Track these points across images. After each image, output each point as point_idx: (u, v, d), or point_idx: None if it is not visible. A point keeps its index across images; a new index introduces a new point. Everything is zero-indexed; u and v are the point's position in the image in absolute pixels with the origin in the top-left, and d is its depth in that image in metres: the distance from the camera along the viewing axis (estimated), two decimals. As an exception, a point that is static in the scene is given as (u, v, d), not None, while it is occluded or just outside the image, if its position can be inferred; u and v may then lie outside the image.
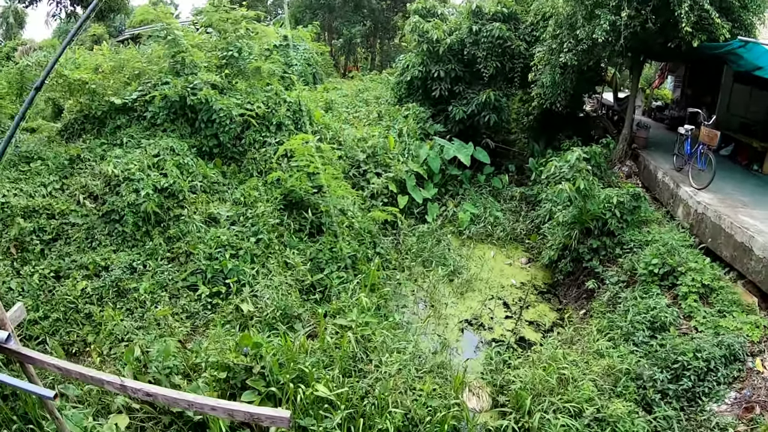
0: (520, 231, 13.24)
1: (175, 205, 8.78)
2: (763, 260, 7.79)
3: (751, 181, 11.94)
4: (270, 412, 3.11)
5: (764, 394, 6.36)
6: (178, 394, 3.28)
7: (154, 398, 3.33)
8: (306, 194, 9.72)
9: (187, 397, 3.26)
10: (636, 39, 11.10)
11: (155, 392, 3.28)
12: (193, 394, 3.69)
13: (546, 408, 6.73)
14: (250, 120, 10.39)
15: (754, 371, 6.77)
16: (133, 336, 6.81)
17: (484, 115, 15.40)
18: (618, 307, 8.80)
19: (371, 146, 13.18)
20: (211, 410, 3.16)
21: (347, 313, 7.97)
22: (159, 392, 3.26)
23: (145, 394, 3.31)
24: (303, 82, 15.37)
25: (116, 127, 9.77)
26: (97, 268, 7.67)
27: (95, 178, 8.67)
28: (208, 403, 3.16)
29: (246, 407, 3.20)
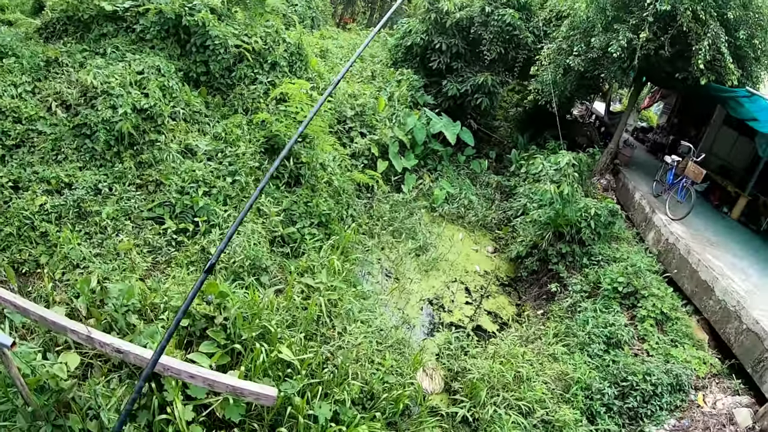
0: (491, 219, 13.22)
1: (152, 129, 8.21)
2: (722, 302, 8.05)
3: (720, 223, 12.29)
4: (255, 388, 2.89)
5: (701, 427, 6.61)
6: (151, 354, 2.98)
7: (124, 356, 3.02)
8: (290, 141, 9.30)
9: (163, 360, 2.97)
10: (647, 62, 11.08)
11: (127, 350, 2.97)
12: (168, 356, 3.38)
13: (499, 402, 6.81)
14: (244, 53, 9.80)
15: (695, 404, 7.03)
16: (89, 263, 6.36)
17: (477, 97, 15.14)
18: (577, 316, 8.94)
19: (361, 104, 12.77)
20: (189, 377, 2.90)
21: (316, 273, 7.76)
22: (131, 350, 2.96)
23: (114, 350, 2.99)
24: (302, 24, 14.64)
25: (101, 35, 8.99)
26: (60, 184, 7.10)
27: (71, 86, 7.97)
28: (187, 370, 2.89)
29: (229, 380, 2.95)
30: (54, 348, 5.01)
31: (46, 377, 4.26)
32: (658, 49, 10.65)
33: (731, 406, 6.83)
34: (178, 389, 4.69)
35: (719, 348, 8.12)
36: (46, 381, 4.26)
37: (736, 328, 7.62)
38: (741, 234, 12.37)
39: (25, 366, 4.21)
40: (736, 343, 7.55)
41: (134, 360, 3.01)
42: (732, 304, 7.84)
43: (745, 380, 7.25)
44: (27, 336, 5.26)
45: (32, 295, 6.02)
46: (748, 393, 7.07)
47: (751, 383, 7.13)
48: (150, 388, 4.86)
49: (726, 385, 7.29)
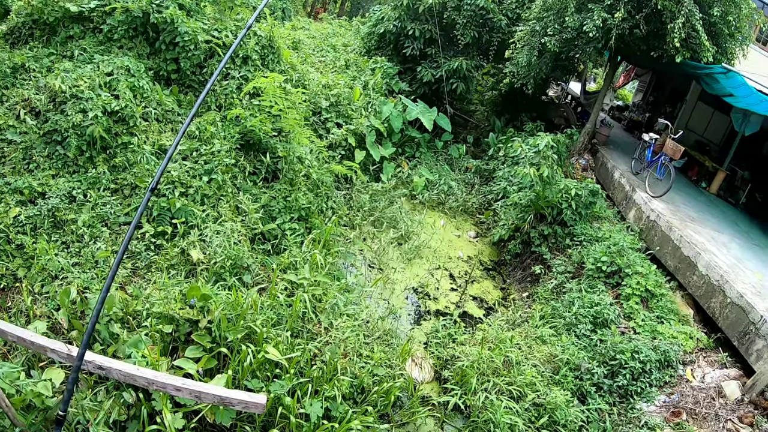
0: (471, 204, 13.24)
1: (124, 132, 7.99)
2: (705, 277, 8.15)
3: (699, 198, 12.47)
4: (244, 397, 2.82)
5: (691, 401, 6.70)
6: (136, 370, 2.90)
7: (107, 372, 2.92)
8: (266, 136, 9.16)
9: (147, 374, 2.89)
10: (622, 41, 11.09)
11: (109, 366, 2.87)
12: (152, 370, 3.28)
13: (489, 388, 6.85)
14: (215, 49, 9.56)
15: (684, 379, 7.13)
16: (68, 274, 6.20)
17: (452, 82, 15.10)
18: (562, 297, 9.01)
19: (336, 95, 12.62)
20: (176, 390, 2.82)
21: (299, 269, 7.69)
22: (114, 366, 2.86)
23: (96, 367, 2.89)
24: (273, 16, 14.39)
25: (68, 37, 8.67)
26: (33, 193, 6.86)
27: (39, 91, 7.68)
28: (173, 383, 2.82)
29: (217, 390, 2.89)
30: (38, 364, 4.90)
31: (31, 396, 4.15)
32: (633, 28, 10.67)
33: (719, 379, 6.93)
34: (167, 398, 4.61)
35: (705, 322, 8.24)
36: (32, 400, 4.15)
37: (721, 302, 7.73)
38: (720, 208, 12.59)
39: (9, 386, 4.09)
40: (722, 316, 7.66)
41: (117, 376, 2.92)
42: (715, 279, 7.94)
43: (732, 353, 7.36)
44: (9, 354, 5.12)
45: (12, 310, 5.83)
46: (735, 365, 7.18)
47: (738, 356, 7.26)
48: (138, 398, 4.78)
49: (713, 359, 7.40)
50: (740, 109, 12.05)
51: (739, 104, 11.02)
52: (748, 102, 10.54)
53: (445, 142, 15.44)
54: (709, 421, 6.33)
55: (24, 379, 4.31)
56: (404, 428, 6.65)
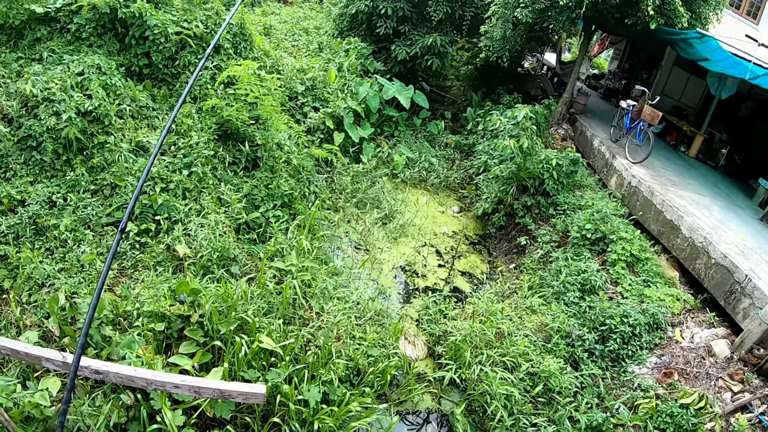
0: (453, 179, 13.28)
1: (99, 131, 7.86)
2: (689, 240, 8.30)
3: (678, 162, 12.64)
4: (243, 388, 2.85)
5: (682, 362, 6.87)
6: (132, 371, 2.90)
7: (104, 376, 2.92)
8: (243, 125, 9.08)
9: (145, 374, 2.89)
10: (595, 9, 11.06)
11: (106, 369, 2.87)
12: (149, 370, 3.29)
13: (483, 361, 6.96)
14: (186, 40, 9.41)
15: (674, 340, 7.30)
16: (54, 280, 6.15)
17: (427, 59, 14.97)
18: (549, 266, 9.12)
19: (310, 78, 12.49)
20: (175, 388, 2.83)
21: (286, 256, 7.70)
22: (111, 369, 2.86)
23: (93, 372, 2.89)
24: (243, 3, 14.15)
25: (35, 40, 8.46)
26: (12, 202, 6.76)
27: (10, 97, 7.51)
28: (171, 381, 2.82)
29: (216, 384, 2.90)
30: (32, 375, 4.88)
31: (29, 408, 4.14)
32: None
33: (708, 338, 7.09)
34: (165, 396, 4.63)
35: (691, 284, 8.40)
36: (30, 411, 4.14)
37: (705, 263, 7.88)
38: (700, 171, 12.79)
39: (6, 399, 4.08)
40: (707, 277, 7.82)
41: (115, 378, 2.93)
42: (699, 241, 8.09)
43: (719, 312, 7.54)
44: (3, 367, 5.10)
45: (1, 323, 5.80)
46: (723, 324, 7.36)
47: (725, 315, 7.44)
48: (136, 398, 4.80)
49: (701, 319, 7.56)
50: (716, 73, 12.16)
51: (715, 68, 11.11)
52: (724, 66, 10.63)
53: (424, 119, 15.41)
54: (701, 380, 6.50)
55: (20, 391, 4.29)
56: (402, 406, 6.76)
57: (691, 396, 6.12)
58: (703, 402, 6.03)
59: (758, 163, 13.38)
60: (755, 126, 14.40)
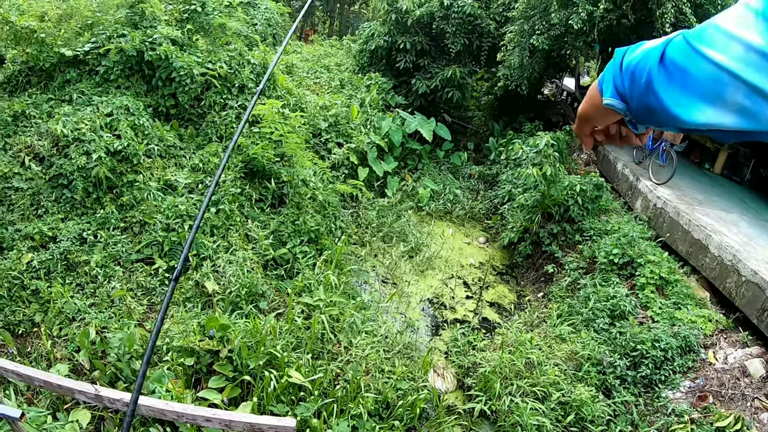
0: (478, 210, 13.25)
1: (129, 170, 8.13)
2: (718, 258, 8.11)
3: (704, 180, 12.44)
4: (273, 422, 2.84)
5: (716, 384, 6.65)
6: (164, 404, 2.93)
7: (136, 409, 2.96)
8: (269, 163, 9.26)
9: (176, 407, 2.91)
10: (610, 32, 11.15)
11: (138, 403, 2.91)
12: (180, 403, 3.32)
13: (514, 391, 6.83)
14: (211, 80, 9.74)
15: (707, 362, 7.08)
16: (85, 315, 6.29)
17: (447, 91, 15.18)
18: (578, 293, 8.97)
19: (333, 115, 12.73)
20: (206, 422, 2.85)
21: (313, 291, 7.73)
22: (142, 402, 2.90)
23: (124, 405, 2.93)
24: (265, 43, 14.58)
25: (65, 81, 8.85)
26: (44, 238, 7.00)
27: (42, 137, 7.84)
28: (202, 414, 2.84)
29: (246, 417, 2.90)
30: (63, 407, 4.94)
31: (60, 440, 4.20)
32: (621, 18, 10.71)
33: (742, 358, 6.87)
34: (194, 430, 4.64)
35: (722, 303, 8.17)
36: (60, 443, 4.20)
37: (736, 282, 7.67)
38: (726, 187, 12.55)
39: (38, 430, 4.14)
40: (738, 296, 7.60)
41: (146, 412, 2.96)
42: (728, 259, 7.90)
43: (752, 331, 7.30)
44: (34, 398, 5.18)
45: (32, 355, 5.94)
46: (757, 343, 7.11)
47: (759, 333, 7.19)
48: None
49: (734, 339, 7.33)
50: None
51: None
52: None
53: (446, 151, 15.50)
54: (736, 402, 6.28)
55: (51, 423, 4.36)
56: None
57: (726, 419, 5.91)
58: (739, 424, 5.81)
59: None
60: None
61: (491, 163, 14.77)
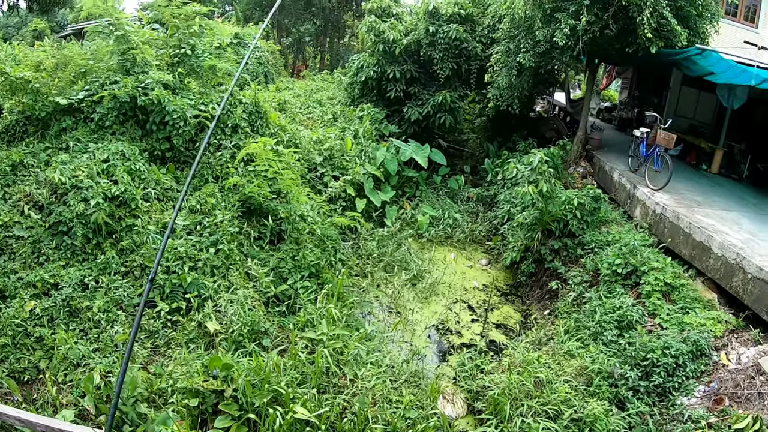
0: (478, 232, 13.27)
1: (127, 215, 8.20)
2: (722, 258, 8.07)
3: (702, 181, 12.44)
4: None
5: (731, 385, 6.54)
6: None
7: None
8: (265, 200, 9.33)
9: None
10: (595, 44, 11.27)
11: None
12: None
13: (525, 412, 6.71)
14: (204, 122, 9.86)
15: (720, 365, 6.98)
16: (89, 360, 6.30)
17: (439, 116, 15.33)
18: (583, 307, 8.91)
19: (328, 149, 12.86)
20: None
21: (316, 325, 7.70)
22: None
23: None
24: (256, 81, 14.82)
25: (61, 130, 9.01)
26: (46, 285, 7.06)
27: (40, 186, 7.96)
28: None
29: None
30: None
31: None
32: (603, 29, 10.81)
33: (756, 357, 6.76)
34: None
35: (730, 303, 8.07)
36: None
37: (743, 279, 7.60)
38: (725, 186, 12.56)
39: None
40: (746, 294, 7.53)
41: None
42: (732, 258, 7.85)
43: (763, 328, 7.21)
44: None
45: (38, 402, 5.96)
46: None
47: (770, 329, 7.09)
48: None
49: (746, 338, 7.24)
50: (724, 85, 12.13)
51: (721, 80, 11.10)
52: (729, 76, 10.60)
53: (443, 176, 15.59)
54: (753, 402, 6.16)
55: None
56: (445, 467, 6.52)
57: (744, 420, 5.78)
58: (758, 424, 5.68)
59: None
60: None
61: (488, 184, 14.84)
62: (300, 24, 28.36)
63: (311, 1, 28.72)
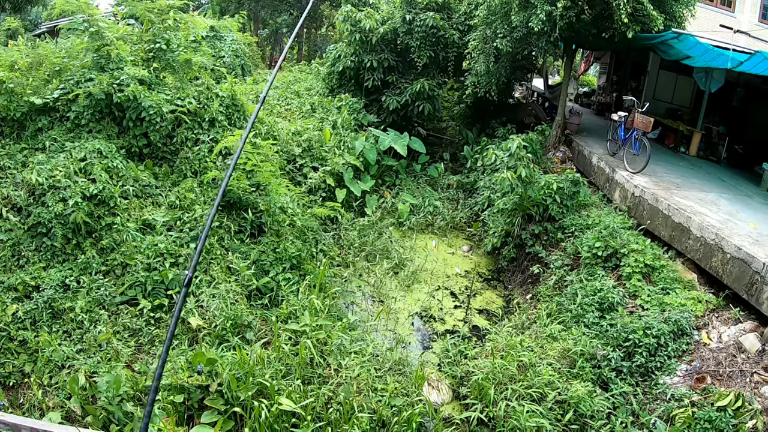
0: (459, 219, 13.34)
1: (106, 213, 8.12)
2: (701, 239, 8.21)
3: (680, 164, 12.63)
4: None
5: (713, 364, 6.67)
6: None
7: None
8: (244, 193, 9.28)
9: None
10: (571, 29, 11.30)
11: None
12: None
13: (509, 396, 6.80)
14: (181, 117, 9.76)
15: (701, 344, 7.11)
16: (74, 361, 6.27)
17: (418, 104, 15.34)
18: (565, 290, 9.00)
19: (306, 140, 12.80)
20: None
21: (299, 317, 7.71)
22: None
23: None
24: (233, 74, 14.67)
25: (37, 130, 8.86)
26: (27, 288, 7.01)
27: (18, 187, 7.84)
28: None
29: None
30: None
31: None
32: (580, 15, 10.84)
33: (736, 335, 6.90)
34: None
35: (710, 283, 8.22)
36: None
37: (721, 260, 7.74)
38: (704, 168, 12.77)
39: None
40: (725, 273, 7.67)
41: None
42: (711, 238, 7.99)
43: (744, 306, 7.36)
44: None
45: (24, 406, 5.93)
46: (750, 318, 7.16)
47: (750, 307, 7.23)
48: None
49: (726, 317, 7.37)
50: (701, 68, 12.30)
51: (698, 64, 11.25)
52: (706, 59, 10.76)
53: (423, 164, 15.63)
54: (735, 379, 6.29)
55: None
56: (432, 453, 6.60)
57: (727, 397, 5.92)
58: (740, 401, 5.82)
59: (760, 149, 13.33)
60: (750, 112, 14.45)
61: (468, 171, 14.90)
62: (277, 15, 28.07)
63: (288, -9, 28.52)
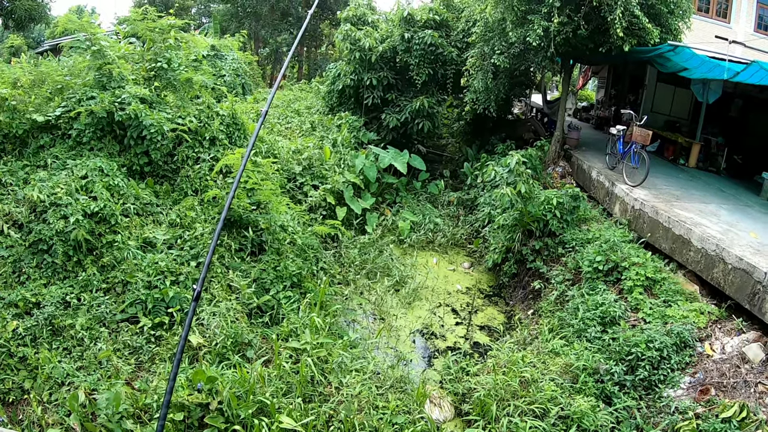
0: (460, 236, 13.37)
1: (107, 231, 8.14)
2: (702, 251, 8.19)
3: (680, 176, 12.66)
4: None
5: (717, 375, 6.61)
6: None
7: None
8: (245, 212, 9.30)
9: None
10: (568, 44, 11.41)
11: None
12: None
13: (511, 412, 6.74)
14: (182, 135, 9.83)
15: (705, 355, 7.05)
16: (74, 378, 6.25)
17: (417, 122, 15.45)
18: (566, 305, 8.98)
19: (307, 158, 12.88)
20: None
21: (300, 335, 7.68)
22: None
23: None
24: (233, 93, 14.79)
25: (39, 147, 8.92)
26: (28, 305, 7.00)
27: (19, 204, 7.86)
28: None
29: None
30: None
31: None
32: (576, 30, 10.95)
33: (739, 345, 6.84)
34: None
35: (712, 294, 8.18)
36: None
37: (723, 270, 7.71)
38: (703, 180, 12.79)
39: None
40: (727, 284, 7.63)
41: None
42: (712, 249, 7.97)
43: (746, 317, 7.30)
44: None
45: (24, 423, 5.90)
46: (753, 328, 7.10)
47: (753, 318, 7.19)
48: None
49: (729, 328, 7.32)
50: (698, 80, 12.37)
51: (695, 75, 11.31)
52: (702, 71, 10.82)
53: (423, 181, 15.69)
54: (739, 390, 6.23)
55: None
56: (435, 470, 6.52)
57: (731, 408, 5.86)
58: (745, 412, 5.76)
59: (759, 159, 13.36)
60: (748, 122, 14.50)
61: (468, 187, 14.94)
62: (277, 34, 28.38)
63: (288, 11, 28.85)
